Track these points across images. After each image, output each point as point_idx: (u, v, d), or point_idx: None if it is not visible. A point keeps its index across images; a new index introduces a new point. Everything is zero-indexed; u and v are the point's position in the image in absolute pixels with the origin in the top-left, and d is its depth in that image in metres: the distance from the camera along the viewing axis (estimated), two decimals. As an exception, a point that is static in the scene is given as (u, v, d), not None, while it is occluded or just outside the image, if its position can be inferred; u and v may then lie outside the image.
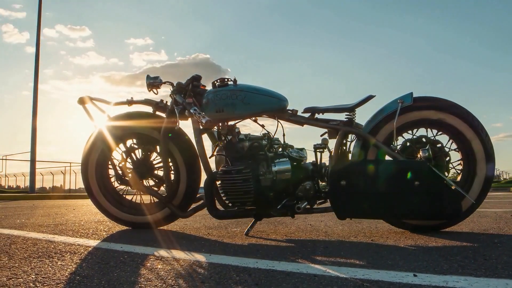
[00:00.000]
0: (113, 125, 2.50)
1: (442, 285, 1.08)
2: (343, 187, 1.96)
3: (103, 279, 1.19)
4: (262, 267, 1.33)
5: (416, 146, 2.12)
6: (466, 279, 1.14)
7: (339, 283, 1.12)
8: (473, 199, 2.04)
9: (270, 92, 2.22)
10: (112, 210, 2.57)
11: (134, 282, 1.16)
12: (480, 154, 2.05)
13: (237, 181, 2.08)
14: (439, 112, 2.07)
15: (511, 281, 1.11)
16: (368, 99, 2.14)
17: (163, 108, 2.45)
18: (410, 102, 2.08)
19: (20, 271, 1.30)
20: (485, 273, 1.20)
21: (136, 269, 1.33)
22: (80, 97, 2.44)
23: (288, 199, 2.14)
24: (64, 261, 1.47)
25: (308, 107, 2.24)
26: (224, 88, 2.19)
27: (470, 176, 2.08)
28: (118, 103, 2.48)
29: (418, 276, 1.17)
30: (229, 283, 1.13)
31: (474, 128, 2.05)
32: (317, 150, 2.20)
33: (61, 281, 1.17)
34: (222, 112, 2.17)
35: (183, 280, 1.18)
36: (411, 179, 1.88)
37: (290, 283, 1.13)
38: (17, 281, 1.16)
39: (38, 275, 1.24)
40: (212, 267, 1.36)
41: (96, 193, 2.58)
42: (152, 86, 2.43)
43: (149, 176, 2.52)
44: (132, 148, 2.52)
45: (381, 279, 1.15)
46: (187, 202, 2.48)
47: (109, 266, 1.38)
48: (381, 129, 2.14)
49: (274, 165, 2.12)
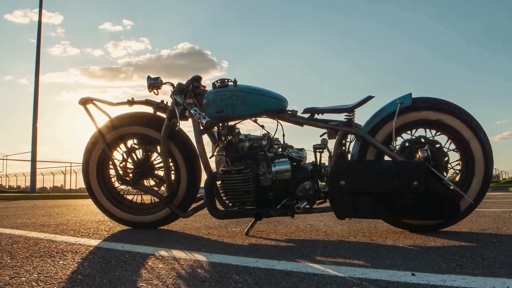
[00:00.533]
0: (114, 126, 2.52)
1: (440, 284, 1.09)
2: (342, 187, 1.97)
3: (105, 278, 1.20)
4: (262, 266, 1.35)
5: (415, 147, 2.13)
6: (463, 278, 1.15)
7: (338, 282, 1.13)
8: (471, 199, 2.06)
9: (270, 92, 2.24)
10: (112, 210, 2.59)
11: (135, 281, 1.17)
12: (479, 154, 2.06)
13: (237, 181, 2.10)
14: (438, 112, 2.09)
15: (508, 280, 1.12)
16: (367, 99, 2.16)
17: (163, 109, 2.46)
18: (409, 103, 2.09)
19: (22, 270, 1.31)
20: (482, 272, 1.21)
21: (137, 268, 1.34)
22: (82, 98, 2.46)
23: (288, 199, 2.15)
24: (66, 260, 1.48)
25: (307, 108, 2.25)
26: (224, 88, 2.21)
27: (468, 176, 2.09)
28: (119, 104, 2.50)
29: (416, 275, 1.18)
30: (230, 282, 1.14)
31: (473, 129, 2.07)
32: (317, 150, 2.21)
33: (63, 280, 1.18)
34: (222, 112, 2.18)
35: (183, 279, 1.20)
36: (410, 179, 1.90)
37: (290, 282, 1.14)
38: (20, 280, 1.18)
39: (40, 274, 1.25)
40: (212, 266, 1.37)
41: (97, 192, 2.60)
42: (153, 87, 2.45)
43: (149, 176, 2.54)
44: (133, 148, 2.54)
45: (379, 278, 1.16)
46: (188, 202, 2.50)
47: (111, 265, 1.39)
48: (380, 130, 2.15)
49: (274, 165, 2.13)
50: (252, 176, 2.08)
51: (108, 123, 2.54)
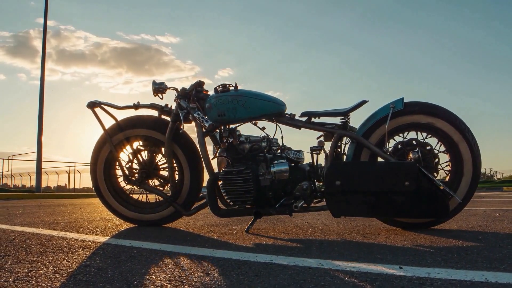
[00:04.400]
0: (120, 128, 2.62)
1: (425, 276, 1.18)
2: (338, 187, 2.05)
3: (116, 271, 1.29)
4: (261, 261, 1.44)
5: (407, 148, 2.22)
6: (447, 271, 1.24)
7: (331, 274, 1.22)
8: (460, 198, 2.15)
9: (269, 97, 2.33)
10: (119, 209, 2.69)
11: (145, 273, 1.26)
12: (467, 155, 2.15)
13: (238, 181, 2.19)
14: (428, 116, 2.18)
15: (487, 273, 1.21)
16: (362, 104, 2.25)
17: (168, 112, 2.56)
18: (401, 107, 2.19)
19: (39, 264, 1.40)
20: (465, 266, 1.30)
21: (146, 263, 1.43)
22: (90, 102, 2.56)
23: (286, 198, 2.23)
24: (78, 255, 1.58)
25: (305, 112, 2.34)
26: (226, 93, 2.31)
27: (457, 177, 2.19)
28: (126, 107, 2.60)
29: (404, 269, 1.28)
30: (232, 275, 1.24)
31: (461, 132, 2.16)
32: (314, 152, 2.30)
33: (79, 273, 1.27)
34: (223, 116, 2.28)
35: (189, 271, 1.29)
36: (402, 180, 1.98)
37: (287, 274, 1.23)
38: (38, 273, 1.27)
39: (56, 268, 1.34)
40: (215, 260, 1.47)
41: (104, 192, 2.70)
42: (158, 92, 2.55)
43: (154, 176, 2.64)
44: (139, 149, 2.64)
45: (369, 271, 1.25)
46: (191, 201, 2.59)
47: (120, 260, 1.48)
48: (374, 132, 2.24)
49: (273, 166, 2.21)
50: (252, 177, 2.17)
51: (115, 125, 2.64)
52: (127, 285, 1.13)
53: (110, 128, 2.64)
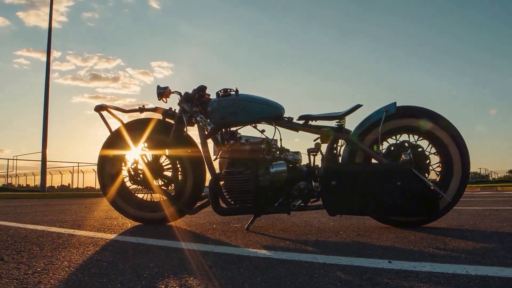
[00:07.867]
0: (126, 130, 2.73)
1: (411, 269, 1.27)
2: (333, 187, 2.15)
3: (127, 265, 1.39)
4: (261, 256, 1.54)
5: (399, 150, 2.31)
6: (431, 264, 1.34)
7: (325, 268, 1.32)
8: (450, 198, 2.25)
9: (268, 101, 2.43)
10: (124, 207, 2.79)
11: (153, 267, 1.36)
12: (456, 157, 2.25)
13: (238, 181, 2.28)
14: (420, 120, 2.28)
15: (468, 266, 1.30)
16: (356, 108, 2.36)
17: (171, 115, 2.67)
18: (394, 111, 2.29)
19: (53, 259, 1.50)
20: (449, 261, 1.39)
21: (153, 258, 1.53)
22: (97, 105, 2.67)
23: (284, 197, 2.32)
24: (89, 251, 1.68)
25: (302, 115, 2.45)
26: (227, 97, 2.41)
27: (447, 177, 2.28)
28: (131, 111, 2.71)
29: (392, 263, 1.37)
30: (233, 268, 1.34)
31: (451, 134, 2.26)
32: (311, 153, 2.39)
33: (91, 266, 1.37)
34: (225, 119, 2.38)
35: (194, 265, 1.40)
36: (394, 180, 2.08)
37: (284, 268, 1.33)
38: (54, 267, 1.36)
39: (70, 262, 1.44)
40: (217, 256, 1.57)
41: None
42: (162, 96, 2.65)
43: (158, 176, 2.74)
44: (144, 151, 2.75)
45: (360, 265, 1.35)
46: (193, 200, 2.70)
47: (129, 255, 1.59)
48: (368, 135, 2.34)
49: (272, 167, 2.30)
50: (252, 177, 2.26)
51: (122, 128, 2.74)
52: (137, 277, 1.22)
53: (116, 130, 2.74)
